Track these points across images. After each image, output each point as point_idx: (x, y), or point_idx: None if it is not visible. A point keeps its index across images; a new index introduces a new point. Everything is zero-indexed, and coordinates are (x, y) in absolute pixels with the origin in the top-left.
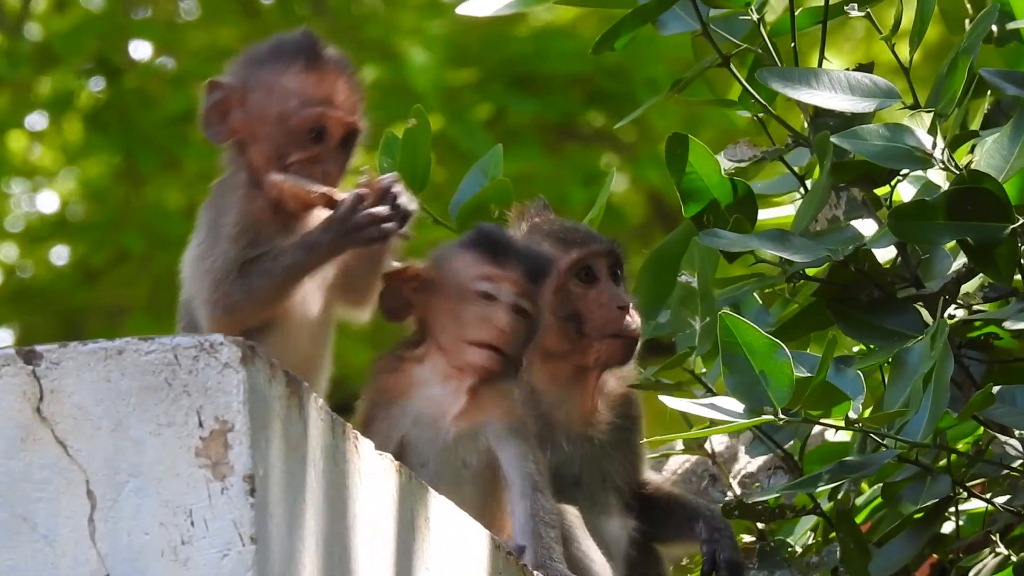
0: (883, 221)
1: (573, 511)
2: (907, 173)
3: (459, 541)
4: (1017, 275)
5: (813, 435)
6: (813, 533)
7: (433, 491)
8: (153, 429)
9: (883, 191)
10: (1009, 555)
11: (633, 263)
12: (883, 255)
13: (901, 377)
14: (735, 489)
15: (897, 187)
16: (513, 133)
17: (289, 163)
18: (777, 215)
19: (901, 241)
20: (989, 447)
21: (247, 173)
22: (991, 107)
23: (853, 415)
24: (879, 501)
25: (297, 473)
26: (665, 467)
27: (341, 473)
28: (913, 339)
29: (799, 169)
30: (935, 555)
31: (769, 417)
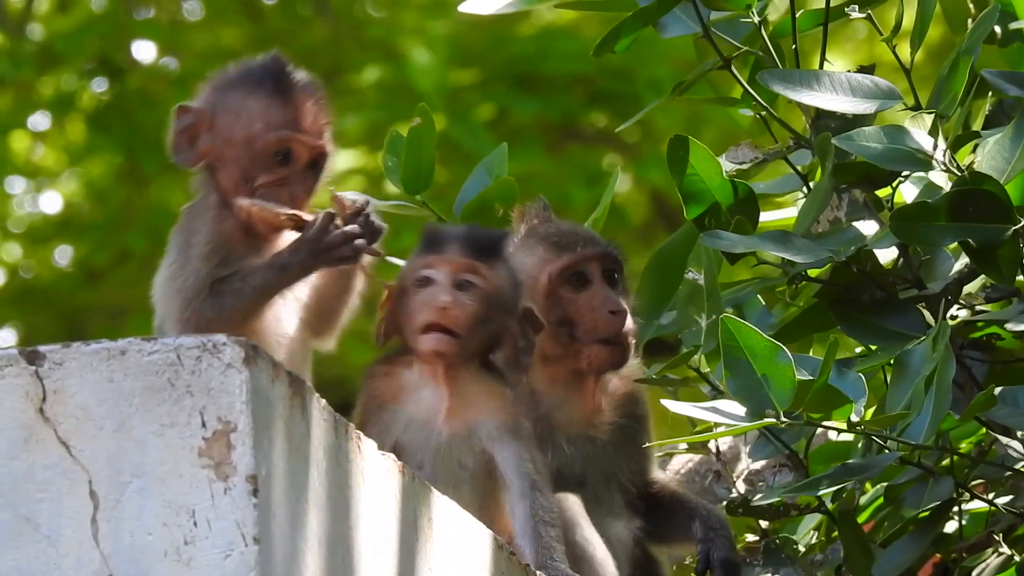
0: (885, 223)
1: (574, 498)
2: (909, 174)
3: (462, 541)
4: (1019, 276)
5: (818, 434)
6: (817, 531)
7: (436, 491)
8: (156, 429)
9: (885, 192)
10: (1012, 555)
11: (636, 263)
12: (885, 256)
13: (903, 379)
14: (739, 487)
15: (899, 188)
16: (515, 133)
17: (257, 186)
18: (780, 217)
19: (903, 242)
20: (992, 448)
21: (217, 195)
22: (993, 108)
23: (855, 417)
24: (882, 501)
25: (300, 473)
26: (669, 466)
27: (344, 473)
28: (915, 340)
29: (802, 169)
30: (938, 555)
31: (771, 420)
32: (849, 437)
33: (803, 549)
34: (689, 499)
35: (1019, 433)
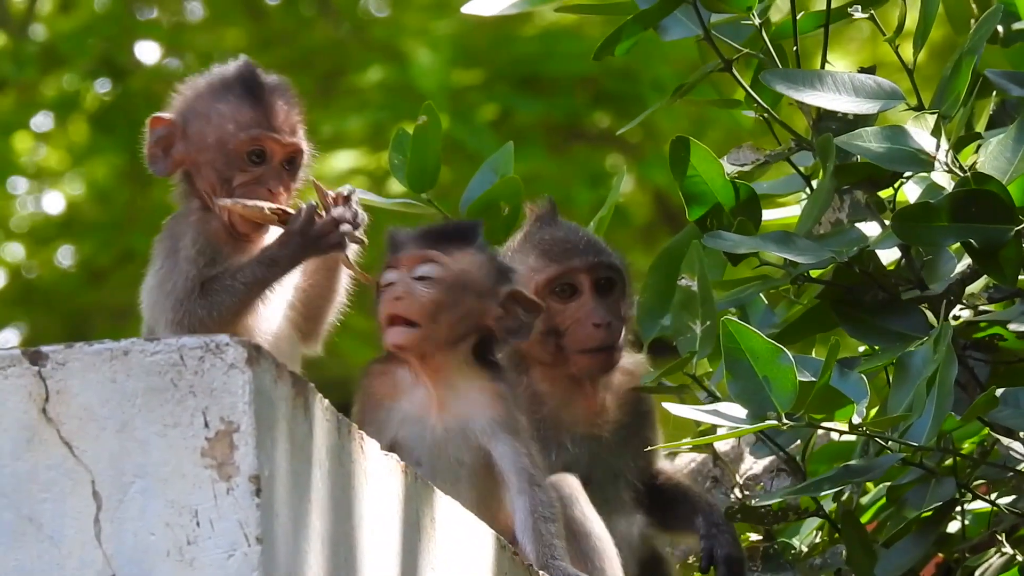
0: (887, 223)
1: (571, 478)
2: (911, 175)
3: (465, 541)
4: (1021, 276)
5: (820, 435)
6: (820, 532)
7: (439, 491)
8: (159, 430)
9: (887, 193)
10: (1015, 555)
11: (639, 263)
12: (887, 257)
13: (905, 380)
14: (739, 492)
15: (901, 189)
16: (519, 134)
17: (235, 187)
18: (783, 215)
19: (905, 243)
20: (994, 449)
21: (198, 201)
22: (996, 108)
23: (857, 419)
24: (884, 501)
25: (303, 473)
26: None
27: (347, 473)
28: (917, 341)
29: (804, 170)
30: (941, 555)
31: (773, 422)
32: (851, 438)
33: (805, 549)
34: (693, 493)
35: (1021, 434)
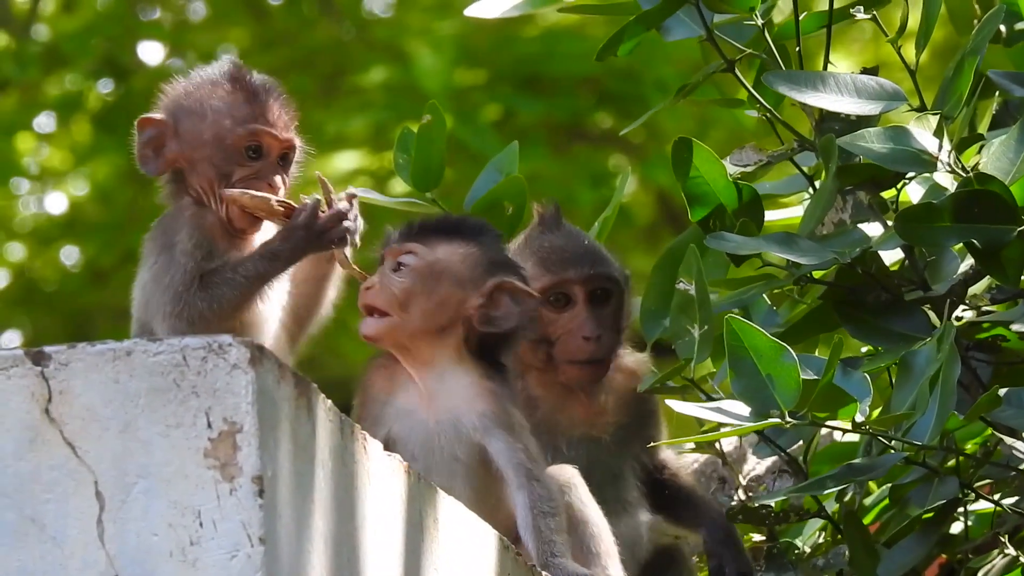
0: (889, 224)
1: (570, 467)
2: (913, 176)
3: (467, 542)
4: None
5: (823, 435)
6: (823, 533)
7: (441, 492)
8: (162, 430)
9: (890, 194)
10: (1018, 556)
11: (642, 264)
12: (890, 257)
13: (908, 379)
14: (742, 493)
15: (904, 190)
16: (522, 134)
17: (234, 181)
18: (785, 216)
19: (908, 244)
20: (997, 449)
21: (190, 199)
22: (999, 108)
23: (860, 417)
24: (887, 502)
25: (306, 474)
26: None
27: (350, 474)
28: (920, 341)
29: (807, 170)
30: (944, 555)
31: (776, 420)
32: (855, 438)
33: (808, 550)
34: (699, 500)
35: None
